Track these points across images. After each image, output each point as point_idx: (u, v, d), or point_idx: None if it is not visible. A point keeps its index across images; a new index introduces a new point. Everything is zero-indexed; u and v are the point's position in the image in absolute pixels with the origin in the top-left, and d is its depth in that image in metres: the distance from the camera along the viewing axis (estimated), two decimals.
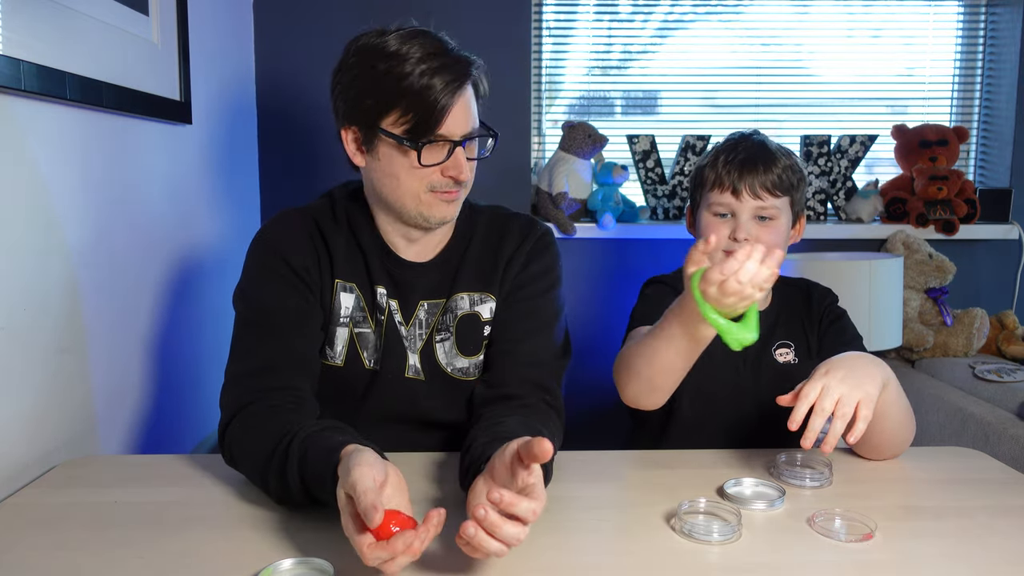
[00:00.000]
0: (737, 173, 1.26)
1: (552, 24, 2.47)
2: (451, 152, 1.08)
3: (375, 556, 0.75)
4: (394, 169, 1.10)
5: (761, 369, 1.31)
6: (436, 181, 1.10)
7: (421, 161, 1.07)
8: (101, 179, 1.34)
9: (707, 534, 0.90)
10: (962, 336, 2.26)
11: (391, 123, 1.07)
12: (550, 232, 1.25)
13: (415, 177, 1.09)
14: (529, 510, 0.76)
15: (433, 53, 1.06)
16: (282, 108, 2.25)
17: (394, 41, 1.07)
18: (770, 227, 1.27)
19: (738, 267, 0.91)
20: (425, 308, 1.19)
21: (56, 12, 1.17)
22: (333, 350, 1.17)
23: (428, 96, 1.04)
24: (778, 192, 1.27)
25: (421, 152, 1.07)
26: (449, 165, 1.09)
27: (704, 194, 1.31)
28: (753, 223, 1.27)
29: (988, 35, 2.50)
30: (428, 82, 1.04)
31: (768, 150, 1.28)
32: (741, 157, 1.27)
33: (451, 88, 1.05)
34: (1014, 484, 1.10)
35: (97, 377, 1.32)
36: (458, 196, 1.13)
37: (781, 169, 1.27)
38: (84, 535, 0.91)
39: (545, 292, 1.20)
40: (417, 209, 1.11)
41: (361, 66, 1.08)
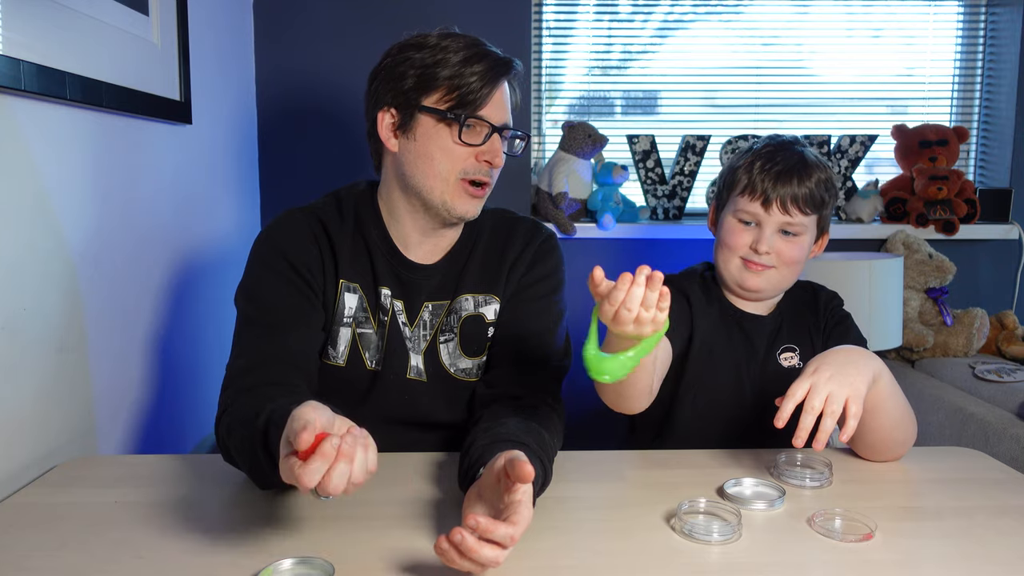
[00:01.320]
0: (771, 183, 1.23)
1: (552, 24, 2.47)
2: (488, 136, 1.12)
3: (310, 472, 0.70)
4: (430, 148, 1.11)
5: (765, 373, 1.31)
6: (470, 166, 1.12)
7: (462, 137, 1.10)
8: (101, 179, 1.34)
9: (707, 534, 0.90)
10: (962, 336, 2.26)
11: (434, 101, 1.11)
12: (554, 236, 1.26)
13: (451, 157, 1.11)
14: (506, 536, 0.75)
15: (474, 44, 1.12)
16: (282, 108, 2.25)
17: (434, 38, 1.12)
18: (793, 243, 1.26)
19: (623, 296, 0.85)
20: (430, 309, 1.19)
21: (56, 12, 1.17)
22: (336, 350, 1.17)
23: (472, 77, 1.09)
24: (808, 210, 1.24)
25: (463, 129, 1.10)
26: (486, 149, 1.12)
27: (733, 197, 1.28)
28: (777, 236, 1.25)
29: (988, 35, 2.50)
30: (472, 67, 1.10)
31: (806, 164, 1.25)
32: (778, 168, 1.23)
33: (493, 73, 1.11)
34: (1014, 484, 1.10)
35: (97, 377, 1.32)
36: (484, 194, 1.15)
37: (815, 184, 1.24)
38: (84, 535, 0.91)
39: (548, 295, 1.20)
40: (442, 197, 1.12)
41: (403, 56, 1.13)
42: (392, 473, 1.07)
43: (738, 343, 1.31)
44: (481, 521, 0.75)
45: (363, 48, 1.13)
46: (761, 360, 1.31)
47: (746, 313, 1.33)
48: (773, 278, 1.27)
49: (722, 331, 1.31)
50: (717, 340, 1.30)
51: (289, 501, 1.00)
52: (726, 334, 1.31)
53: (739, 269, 1.28)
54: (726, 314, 1.33)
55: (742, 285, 1.28)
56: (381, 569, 0.84)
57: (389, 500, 1.00)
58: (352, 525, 0.93)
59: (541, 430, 1.01)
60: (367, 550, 0.87)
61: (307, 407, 0.77)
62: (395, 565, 0.84)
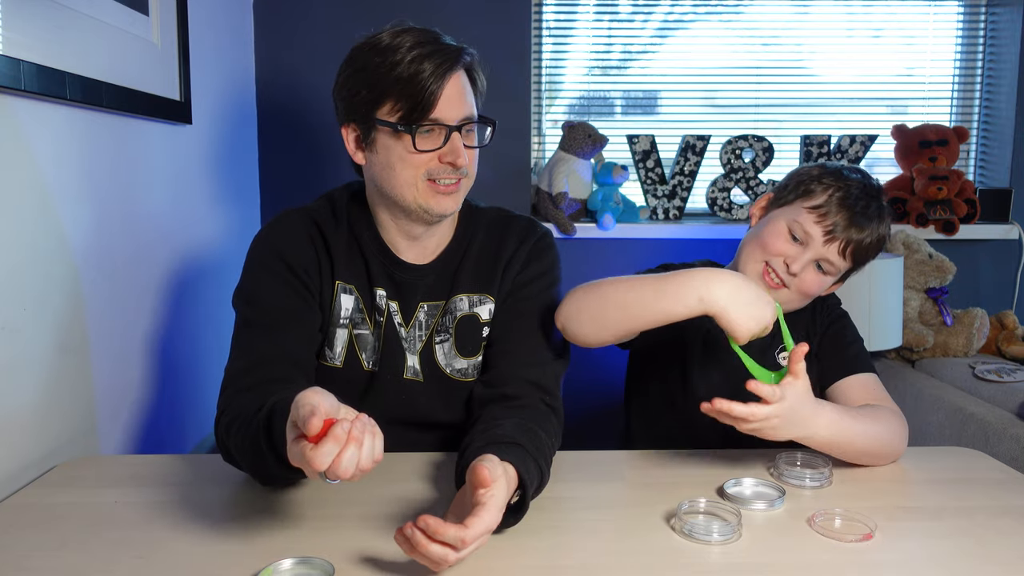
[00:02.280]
0: (846, 221, 1.20)
1: (552, 24, 2.47)
2: (447, 137, 1.09)
3: (322, 455, 0.71)
4: (391, 159, 1.10)
5: None
6: (434, 168, 1.10)
7: (416, 146, 1.07)
8: (101, 179, 1.34)
9: (707, 534, 0.90)
10: (962, 336, 2.26)
11: (386, 112, 1.08)
12: (549, 234, 1.25)
13: (411, 165, 1.09)
14: (456, 538, 0.77)
15: (423, 42, 1.08)
16: (282, 108, 2.25)
17: (387, 36, 1.09)
18: (820, 278, 1.24)
19: None
20: (425, 310, 1.19)
21: (56, 12, 1.17)
22: (332, 351, 1.17)
23: (418, 81, 1.06)
24: (856, 261, 1.24)
25: (415, 136, 1.07)
26: (446, 151, 1.09)
27: (797, 205, 1.24)
28: (811, 265, 1.22)
29: (988, 35, 2.50)
30: (418, 67, 1.06)
31: (882, 218, 1.23)
32: (859, 211, 1.21)
33: (440, 71, 1.06)
34: (1014, 484, 1.10)
35: (97, 377, 1.32)
36: (459, 188, 1.13)
37: (876, 239, 1.23)
38: (84, 535, 0.91)
39: (544, 293, 1.20)
40: (416, 201, 1.11)
41: (356, 64, 1.11)
42: (391, 473, 1.07)
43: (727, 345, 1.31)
44: (430, 522, 0.76)
45: None
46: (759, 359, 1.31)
47: None
48: (781, 298, 1.26)
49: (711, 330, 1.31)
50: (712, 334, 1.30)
51: (289, 501, 1.00)
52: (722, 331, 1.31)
53: (756, 274, 1.26)
54: None
55: None
56: (381, 569, 0.84)
57: (389, 500, 1.00)
58: (352, 525, 0.93)
59: (538, 431, 1.01)
60: (367, 550, 0.87)
61: (311, 392, 0.77)
62: (395, 565, 0.84)
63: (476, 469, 0.82)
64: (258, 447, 0.91)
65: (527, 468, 0.92)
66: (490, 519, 0.80)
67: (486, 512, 0.80)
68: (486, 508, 0.80)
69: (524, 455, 0.93)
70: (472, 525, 0.78)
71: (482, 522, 0.79)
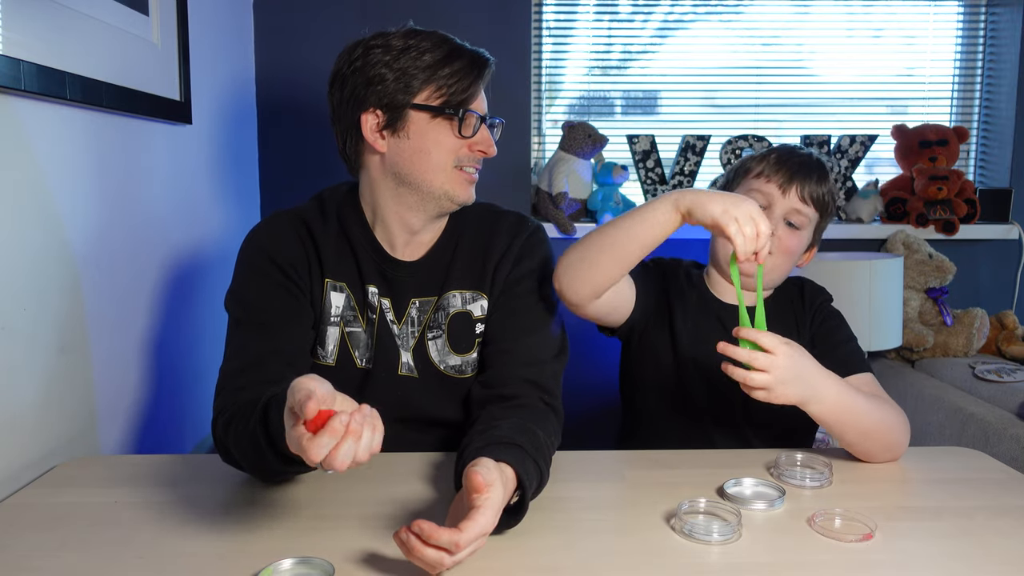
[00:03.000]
0: (791, 171, 1.28)
1: (552, 24, 2.47)
2: (476, 128, 1.14)
3: (318, 446, 0.72)
4: (425, 144, 1.13)
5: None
6: (464, 156, 1.14)
7: (462, 132, 1.13)
8: (101, 179, 1.34)
9: (707, 534, 0.90)
10: (962, 336, 2.26)
11: (425, 98, 1.12)
12: (541, 229, 1.25)
13: (447, 150, 1.13)
14: (450, 542, 0.77)
15: (445, 40, 1.14)
16: (282, 108, 2.25)
17: (399, 39, 1.12)
18: (795, 235, 1.29)
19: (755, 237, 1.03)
20: (417, 306, 1.19)
21: (56, 12, 1.17)
22: (324, 349, 1.18)
23: (458, 73, 1.12)
24: (816, 207, 1.29)
25: (462, 123, 1.12)
26: (478, 140, 1.15)
27: (745, 181, 1.32)
28: (781, 223, 1.28)
29: (988, 35, 2.50)
30: (454, 63, 1.12)
31: (823, 167, 1.31)
32: (797, 161, 1.29)
33: (477, 66, 1.13)
34: (1014, 484, 1.10)
35: (97, 377, 1.32)
36: (476, 179, 1.18)
37: (827, 188, 1.30)
38: (84, 535, 0.91)
39: (538, 289, 1.20)
40: (443, 187, 1.14)
41: (373, 58, 1.12)
42: (391, 473, 1.07)
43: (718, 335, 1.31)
44: (424, 527, 0.77)
45: None
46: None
47: (727, 305, 1.34)
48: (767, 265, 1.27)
49: (700, 321, 1.32)
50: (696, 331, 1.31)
51: (289, 501, 1.00)
52: (705, 324, 1.32)
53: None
54: (707, 305, 1.34)
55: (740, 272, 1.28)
56: (381, 569, 0.84)
57: (389, 500, 1.00)
58: (352, 525, 0.93)
59: (536, 430, 1.01)
60: (367, 550, 0.87)
61: (307, 378, 0.77)
62: (395, 565, 0.84)
63: (470, 475, 0.82)
64: (256, 441, 0.91)
65: (526, 469, 0.92)
66: (485, 522, 0.80)
67: (481, 515, 0.80)
68: (481, 511, 0.80)
69: (523, 455, 0.93)
70: (467, 529, 0.78)
71: (477, 525, 0.79)
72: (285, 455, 0.89)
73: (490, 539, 0.84)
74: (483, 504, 0.81)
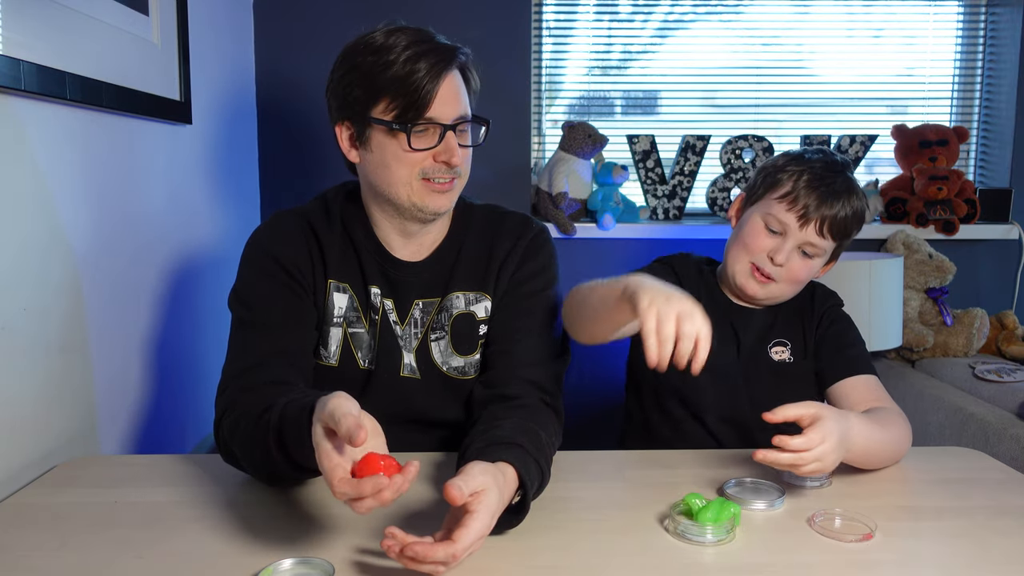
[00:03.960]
0: (816, 202, 1.22)
1: (552, 24, 2.47)
2: (442, 136, 1.09)
3: (343, 491, 0.76)
4: (386, 158, 1.10)
5: (756, 366, 1.31)
6: (428, 167, 1.10)
7: (411, 144, 1.08)
8: (101, 179, 1.34)
9: (700, 535, 0.90)
10: (962, 336, 2.26)
11: (380, 111, 1.09)
12: (545, 230, 1.25)
13: (406, 163, 1.09)
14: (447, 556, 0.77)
15: (417, 41, 1.08)
16: (282, 108, 2.25)
17: (380, 36, 1.10)
18: (806, 263, 1.26)
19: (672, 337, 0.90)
20: (420, 307, 1.19)
21: (56, 12, 1.17)
22: (327, 350, 1.17)
23: (413, 80, 1.06)
24: (837, 238, 1.26)
25: (411, 135, 1.08)
26: (440, 150, 1.09)
27: (769, 199, 1.26)
28: (795, 253, 1.25)
29: (988, 35, 2.50)
30: (413, 67, 1.06)
31: (851, 192, 1.25)
32: (825, 189, 1.23)
33: (436, 70, 1.07)
34: (1014, 484, 1.10)
35: (97, 377, 1.32)
36: (453, 187, 1.13)
37: (852, 212, 1.25)
38: (84, 535, 0.91)
39: (541, 291, 1.20)
40: (410, 199, 1.11)
41: (349, 63, 1.11)
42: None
43: (726, 334, 1.32)
44: (418, 551, 0.77)
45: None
46: (749, 352, 1.32)
47: (736, 306, 1.34)
48: (773, 291, 1.29)
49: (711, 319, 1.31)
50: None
51: (289, 501, 1.00)
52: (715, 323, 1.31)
53: (745, 274, 1.28)
54: (717, 305, 1.33)
55: (744, 289, 1.29)
56: (381, 569, 0.84)
57: None
58: (352, 525, 0.93)
59: (538, 430, 1.01)
60: (367, 550, 0.87)
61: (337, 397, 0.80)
62: (395, 565, 0.84)
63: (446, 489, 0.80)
64: (267, 449, 0.92)
65: (527, 469, 0.92)
66: (479, 526, 0.80)
67: (474, 521, 0.80)
68: (474, 516, 0.80)
69: (524, 455, 0.93)
70: (461, 538, 0.78)
71: (471, 532, 0.79)
72: (298, 463, 0.90)
73: (490, 539, 0.84)
74: (477, 508, 0.81)
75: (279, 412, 0.91)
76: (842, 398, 1.24)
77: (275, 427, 0.90)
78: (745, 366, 1.31)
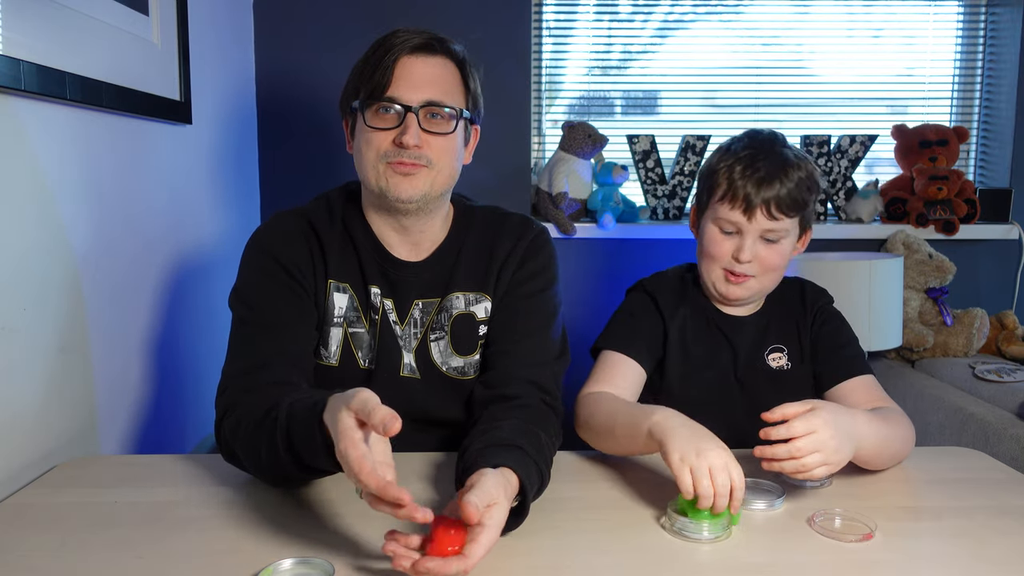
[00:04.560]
0: (754, 189, 1.20)
1: (552, 24, 2.47)
2: (402, 119, 1.09)
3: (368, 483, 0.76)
4: (359, 142, 1.14)
5: (754, 375, 1.30)
6: (389, 150, 1.10)
7: (367, 122, 1.10)
8: (101, 179, 1.34)
9: (697, 532, 0.91)
10: (962, 336, 2.26)
11: (355, 98, 1.13)
12: (545, 231, 1.25)
13: (370, 145, 1.11)
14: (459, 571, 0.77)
15: (407, 32, 1.12)
16: (282, 108, 2.25)
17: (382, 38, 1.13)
18: (774, 249, 1.24)
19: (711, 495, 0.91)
20: (420, 307, 1.19)
21: (56, 12, 1.17)
22: (327, 350, 1.18)
23: (376, 60, 1.10)
24: (791, 213, 1.22)
25: (366, 112, 1.10)
26: (398, 131, 1.09)
27: (712, 203, 1.25)
28: (759, 243, 1.23)
29: (988, 35, 2.50)
30: (384, 51, 1.10)
31: (787, 165, 1.21)
32: (760, 174, 1.20)
33: (401, 49, 1.09)
34: (1014, 484, 1.10)
35: (97, 377, 1.32)
36: (419, 174, 1.11)
37: (795, 185, 1.21)
38: (84, 535, 0.91)
39: (541, 291, 1.20)
40: (378, 183, 1.12)
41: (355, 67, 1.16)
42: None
43: (719, 345, 1.31)
44: (431, 566, 0.76)
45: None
46: (746, 362, 1.30)
47: (725, 315, 1.32)
48: (754, 286, 1.26)
49: (699, 333, 1.31)
50: (693, 342, 1.30)
51: (289, 501, 1.00)
52: (704, 336, 1.31)
53: (721, 281, 1.27)
54: (703, 315, 1.32)
55: (725, 296, 1.28)
56: (381, 569, 0.84)
57: None
58: (352, 525, 0.93)
59: (538, 431, 1.01)
60: (367, 550, 0.87)
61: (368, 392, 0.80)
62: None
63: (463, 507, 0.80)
64: (273, 449, 0.92)
65: (527, 472, 0.92)
66: (489, 539, 0.80)
67: (485, 535, 0.80)
68: (485, 531, 0.80)
69: (524, 458, 0.93)
70: (472, 553, 0.78)
71: (481, 547, 0.79)
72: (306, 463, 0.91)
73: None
74: (488, 523, 0.81)
75: (286, 412, 0.91)
76: (842, 400, 1.23)
77: (283, 427, 0.90)
78: (744, 376, 1.30)
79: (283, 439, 0.91)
